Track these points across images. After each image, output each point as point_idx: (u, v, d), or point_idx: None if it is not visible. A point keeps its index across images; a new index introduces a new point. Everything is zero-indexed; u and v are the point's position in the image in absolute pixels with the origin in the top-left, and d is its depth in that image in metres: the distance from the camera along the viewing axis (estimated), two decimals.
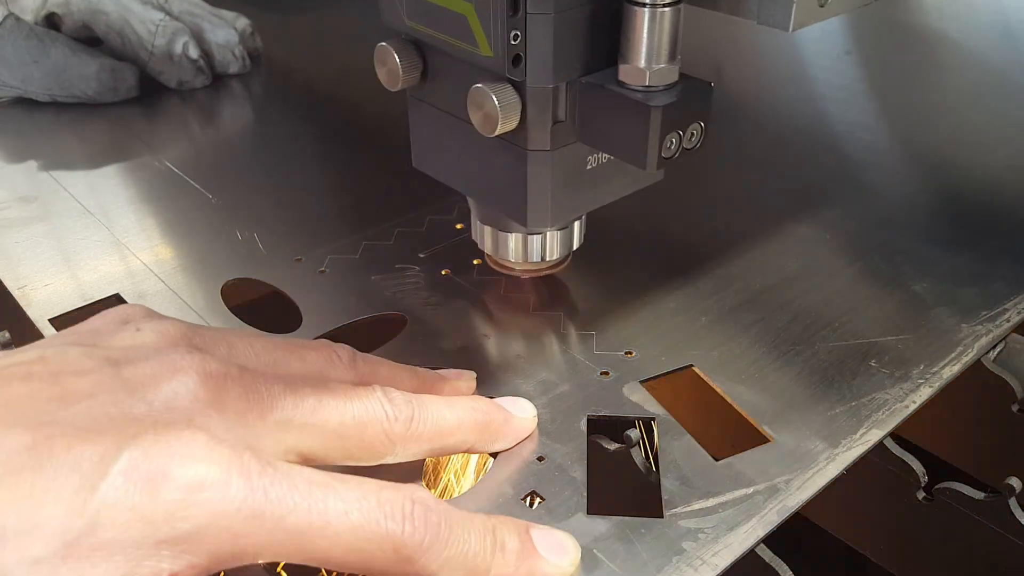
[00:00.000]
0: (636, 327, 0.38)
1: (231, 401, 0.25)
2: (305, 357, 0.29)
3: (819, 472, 0.30)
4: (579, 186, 0.35)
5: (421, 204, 0.46)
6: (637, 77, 0.30)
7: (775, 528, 0.28)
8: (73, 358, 0.24)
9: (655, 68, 0.30)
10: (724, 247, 0.43)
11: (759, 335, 0.37)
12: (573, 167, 0.34)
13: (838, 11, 0.29)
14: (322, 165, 0.52)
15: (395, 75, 0.34)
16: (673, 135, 0.30)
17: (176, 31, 0.59)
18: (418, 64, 0.34)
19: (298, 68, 0.66)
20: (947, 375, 0.35)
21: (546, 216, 0.34)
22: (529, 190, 0.33)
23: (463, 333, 0.37)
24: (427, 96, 0.36)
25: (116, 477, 0.21)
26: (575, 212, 0.37)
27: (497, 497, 0.29)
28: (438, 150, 0.37)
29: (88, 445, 0.21)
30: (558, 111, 0.32)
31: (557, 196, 0.34)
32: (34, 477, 0.21)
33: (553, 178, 0.33)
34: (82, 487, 0.21)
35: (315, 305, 0.39)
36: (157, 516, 0.21)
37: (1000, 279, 0.40)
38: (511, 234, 0.38)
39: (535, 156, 0.33)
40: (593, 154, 0.34)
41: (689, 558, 0.27)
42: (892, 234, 0.44)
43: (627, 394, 0.34)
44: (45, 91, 0.57)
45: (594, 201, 0.36)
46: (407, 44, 0.34)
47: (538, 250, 0.38)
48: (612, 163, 0.35)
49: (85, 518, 0.21)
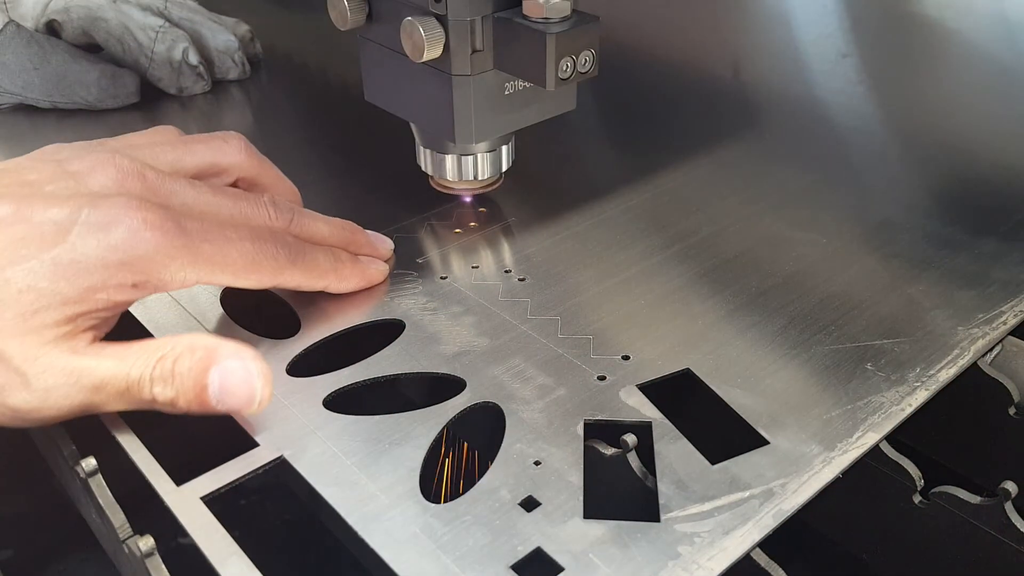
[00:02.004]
0: (633, 331, 0.38)
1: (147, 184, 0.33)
2: (195, 150, 0.37)
3: (815, 476, 0.30)
4: (499, 108, 0.41)
5: (419, 210, 0.47)
6: (536, 10, 0.36)
7: (771, 532, 0.29)
8: (28, 164, 0.33)
9: (551, 3, 0.36)
10: (720, 250, 0.43)
11: (755, 338, 0.37)
12: (492, 91, 0.40)
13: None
14: (320, 171, 0.52)
15: (344, 16, 0.40)
16: (567, 59, 0.37)
17: (176, 37, 0.59)
18: (363, 7, 0.40)
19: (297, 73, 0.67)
20: (943, 378, 0.35)
21: (470, 133, 0.40)
22: (455, 110, 0.40)
23: (460, 338, 0.37)
24: (373, 35, 0.42)
25: (82, 224, 0.30)
26: (497, 131, 0.42)
27: (493, 501, 0.30)
28: (383, 83, 0.43)
29: (57, 207, 0.31)
30: (475, 41, 0.38)
31: (480, 116, 0.40)
32: (23, 228, 0.30)
33: (475, 99, 0.39)
34: (59, 231, 0.30)
35: (313, 311, 0.39)
36: (116, 246, 0.30)
37: (996, 282, 0.40)
38: (448, 155, 0.44)
39: (459, 80, 0.39)
40: (510, 81, 0.40)
41: (685, 562, 0.27)
42: (888, 237, 0.44)
43: (624, 398, 0.34)
44: (46, 98, 0.57)
45: (514, 123, 0.42)
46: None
47: (471, 169, 0.44)
48: (527, 90, 0.41)
49: (63, 247, 0.30)
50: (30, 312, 0.30)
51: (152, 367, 0.31)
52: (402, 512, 0.29)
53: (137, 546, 0.29)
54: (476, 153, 0.44)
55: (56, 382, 0.30)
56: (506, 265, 0.42)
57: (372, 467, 0.31)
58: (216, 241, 0.33)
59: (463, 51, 0.38)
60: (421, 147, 0.45)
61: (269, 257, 0.35)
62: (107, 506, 0.31)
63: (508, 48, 0.38)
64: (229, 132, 0.39)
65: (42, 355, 0.30)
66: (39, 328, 0.30)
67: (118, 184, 0.33)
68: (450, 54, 0.38)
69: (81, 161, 0.33)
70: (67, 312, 0.30)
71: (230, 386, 0.31)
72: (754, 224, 0.45)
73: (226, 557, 0.28)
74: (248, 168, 0.39)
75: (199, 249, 0.32)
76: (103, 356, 0.31)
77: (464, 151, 0.44)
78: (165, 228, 0.31)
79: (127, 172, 0.33)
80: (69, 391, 0.30)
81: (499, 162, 0.45)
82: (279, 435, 0.32)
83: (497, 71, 0.39)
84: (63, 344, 0.30)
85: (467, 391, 0.34)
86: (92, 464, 0.31)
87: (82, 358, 0.30)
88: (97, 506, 0.32)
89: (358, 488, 0.30)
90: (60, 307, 0.30)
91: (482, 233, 0.45)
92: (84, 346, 0.31)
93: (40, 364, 0.30)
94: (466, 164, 0.44)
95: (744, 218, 0.46)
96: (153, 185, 0.34)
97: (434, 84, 0.40)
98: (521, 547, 0.28)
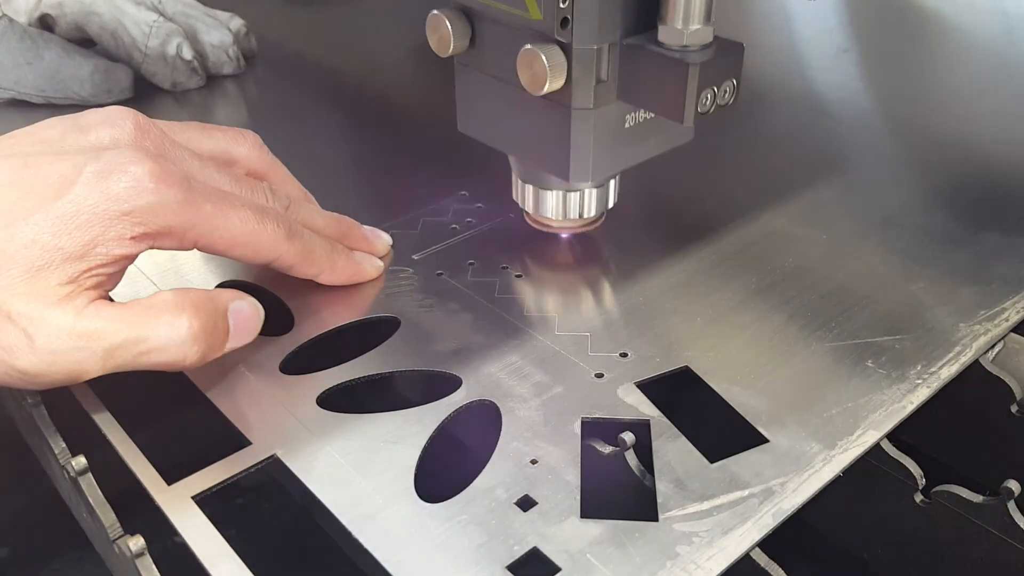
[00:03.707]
0: (630, 328, 0.37)
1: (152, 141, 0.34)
2: (214, 135, 0.38)
3: (815, 474, 0.30)
4: (617, 143, 0.37)
5: (415, 205, 0.46)
6: (675, 38, 0.32)
7: (771, 531, 0.28)
8: (47, 123, 0.34)
9: (691, 29, 0.32)
10: (719, 247, 0.43)
11: (755, 336, 0.37)
12: (613, 125, 0.36)
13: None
14: (315, 167, 0.52)
15: (446, 42, 0.37)
16: (708, 91, 0.32)
17: (170, 32, 0.58)
18: (467, 31, 0.37)
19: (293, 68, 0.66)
20: (945, 375, 0.34)
21: (587, 171, 0.37)
22: (572, 146, 0.36)
23: (457, 335, 0.37)
24: (474, 62, 0.38)
25: (86, 176, 0.30)
26: (614, 168, 0.39)
27: (489, 500, 0.29)
28: (483, 114, 0.40)
29: (63, 161, 0.31)
30: (601, 71, 0.34)
31: (598, 152, 0.36)
32: (30, 180, 0.30)
33: (595, 134, 0.36)
34: (62, 184, 0.30)
35: (308, 307, 0.38)
36: (119, 196, 0.30)
37: (999, 278, 0.40)
38: (550, 191, 0.40)
39: (579, 114, 0.35)
40: (631, 113, 0.37)
41: (683, 562, 0.27)
42: (889, 233, 0.44)
43: (622, 396, 0.33)
44: (39, 92, 0.57)
45: (631, 158, 0.38)
46: (457, 12, 0.37)
47: (576, 207, 0.40)
48: (647, 123, 0.37)
49: (67, 199, 0.30)
50: (34, 268, 0.29)
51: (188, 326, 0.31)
52: (396, 511, 0.29)
53: (127, 546, 0.28)
54: (583, 189, 0.40)
55: (64, 345, 0.30)
56: (503, 261, 0.42)
57: (366, 465, 0.31)
58: (218, 204, 0.33)
59: (586, 82, 0.34)
60: (520, 181, 0.41)
61: (267, 230, 0.35)
62: (97, 505, 0.31)
63: (637, 78, 0.34)
64: (247, 130, 0.39)
65: (48, 316, 0.30)
66: (44, 288, 0.30)
67: (132, 137, 0.33)
68: (571, 85, 0.34)
69: (96, 114, 0.34)
70: (69, 271, 0.30)
71: (243, 326, 0.34)
72: (754, 220, 0.45)
73: (217, 557, 0.27)
74: (258, 163, 0.39)
75: (201, 207, 0.32)
76: (114, 319, 0.31)
77: (570, 187, 0.40)
78: (169, 181, 0.31)
79: (144, 129, 0.34)
80: (78, 355, 0.30)
81: (606, 199, 0.41)
82: (272, 433, 0.32)
83: (619, 102, 0.35)
84: (67, 305, 0.30)
85: (463, 388, 0.34)
86: (82, 463, 0.31)
87: (92, 320, 0.30)
88: (87, 505, 0.31)
89: (352, 487, 0.30)
90: (62, 264, 0.30)
91: (479, 229, 0.44)
92: (87, 306, 0.30)
93: (46, 326, 0.29)
94: (571, 201, 0.40)
95: (743, 214, 0.45)
96: (163, 146, 0.34)
97: (548, 117, 0.36)
98: (517, 547, 0.28)
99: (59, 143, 0.33)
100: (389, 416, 0.33)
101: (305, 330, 0.37)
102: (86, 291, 0.31)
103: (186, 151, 0.35)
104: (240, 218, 0.34)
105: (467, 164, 0.49)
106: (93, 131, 0.33)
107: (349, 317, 0.38)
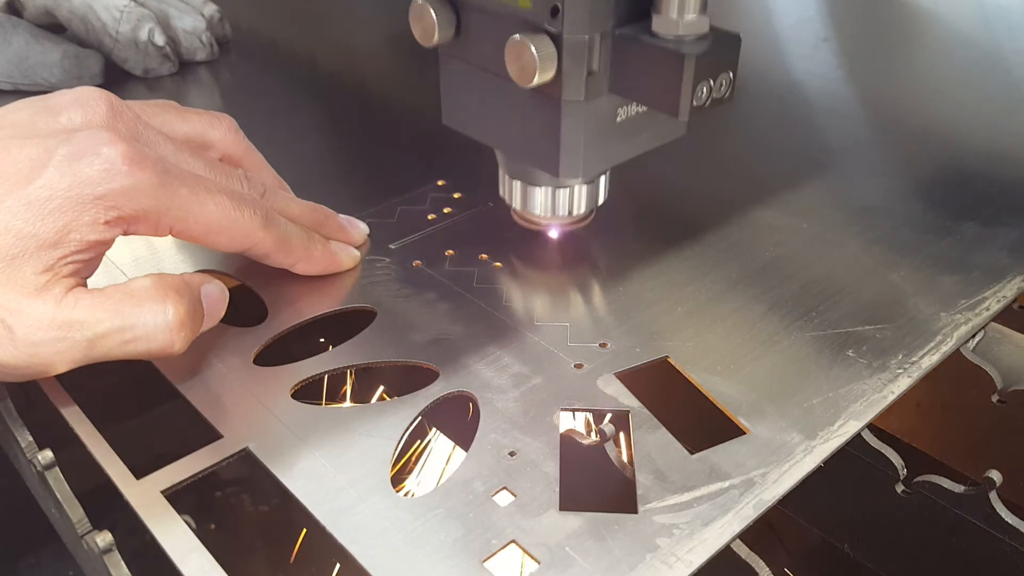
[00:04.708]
0: (610, 318, 0.37)
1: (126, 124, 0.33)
2: (189, 119, 0.37)
3: (796, 465, 0.30)
4: (609, 138, 0.35)
5: (391, 194, 0.45)
6: (669, 28, 0.31)
7: (751, 523, 0.28)
8: (17, 106, 0.33)
9: (687, 19, 0.31)
10: (700, 237, 0.42)
11: (735, 325, 0.36)
12: (605, 118, 0.35)
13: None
14: (290, 154, 0.51)
15: (430, 32, 0.35)
16: (704, 84, 0.31)
17: (141, 17, 0.57)
18: (452, 20, 0.35)
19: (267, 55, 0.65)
20: (926, 365, 0.34)
21: (578, 166, 0.35)
22: (562, 140, 0.34)
23: (434, 325, 0.36)
24: (460, 53, 0.36)
25: (57, 159, 0.29)
26: (605, 164, 0.37)
27: (466, 494, 0.29)
28: (469, 106, 0.38)
29: (34, 145, 0.30)
30: (592, 62, 0.33)
31: (589, 147, 0.35)
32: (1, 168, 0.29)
33: (586, 129, 0.34)
34: (33, 168, 0.29)
35: (282, 297, 0.38)
36: (92, 179, 0.29)
37: (978, 268, 0.40)
38: (539, 188, 0.38)
39: (569, 107, 0.33)
40: (623, 106, 0.35)
41: (663, 555, 0.27)
42: (870, 223, 0.43)
43: (601, 386, 0.33)
44: (7, 79, 0.55)
45: (622, 154, 0.37)
46: (442, 0, 0.35)
47: (565, 204, 0.39)
48: (640, 117, 0.36)
49: (39, 183, 0.29)
50: (8, 257, 0.29)
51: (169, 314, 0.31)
52: (372, 506, 0.28)
53: (95, 542, 0.27)
54: (572, 185, 0.38)
55: (45, 336, 0.29)
56: (481, 251, 0.41)
57: (341, 459, 0.30)
58: (194, 188, 0.32)
59: (577, 74, 0.32)
60: (507, 177, 0.39)
61: (244, 217, 0.34)
62: (65, 500, 0.30)
63: (630, 70, 0.32)
64: (223, 114, 0.38)
65: (27, 307, 0.29)
66: (19, 278, 0.29)
67: (105, 119, 0.32)
68: (562, 77, 0.32)
69: (66, 95, 0.33)
70: (45, 259, 0.29)
71: (213, 309, 0.34)
72: (734, 210, 0.44)
73: (187, 553, 0.27)
74: (234, 147, 0.38)
75: (176, 191, 0.31)
76: (95, 308, 0.30)
77: (559, 184, 0.38)
78: (144, 164, 0.30)
79: (117, 111, 0.33)
80: (60, 345, 0.29)
81: (596, 196, 0.40)
82: (244, 427, 0.31)
83: (611, 95, 0.34)
84: (46, 295, 0.29)
85: (440, 380, 0.33)
86: (48, 457, 0.30)
87: (72, 310, 0.29)
88: (55, 500, 0.30)
89: (326, 481, 0.29)
90: (37, 252, 0.29)
91: (457, 219, 0.44)
92: (66, 295, 0.30)
93: (26, 317, 0.29)
94: (560, 198, 0.39)
95: (724, 204, 0.45)
96: (136, 128, 0.33)
97: (537, 110, 0.34)
98: (495, 540, 0.27)
99: (29, 126, 0.32)
100: (364, 408, 0.32)
101: (279, 321, 0.36)
102: (63, 279, 0.30)
103: (160, 134, 0.34)
104: (216, 203, 0.33)
105: (444, 153, 0.49)
106: (64, 112, 0.32)
107: (324, 307, 0.37)
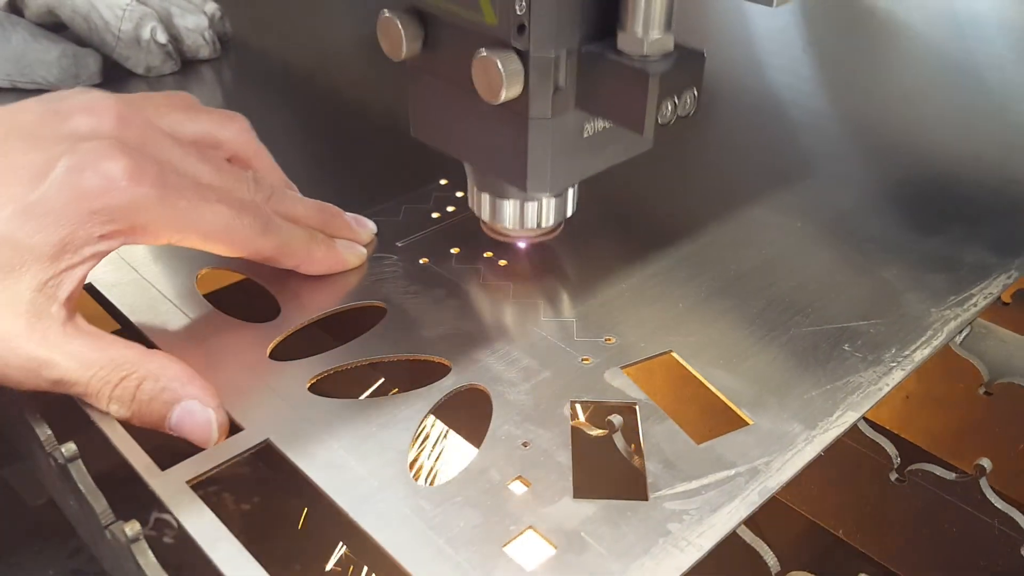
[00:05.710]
0: (615, 314, 0.38)
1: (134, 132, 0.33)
2: (199, 118, 0.37)
3: (798, 453, 0.31)
4: (576, 153, 0.36)
5: (397, 192, 0.46)
6: (635, 46, 0.32)
7: (757, 508, 0.29)
8: (25, 105, 0.33)
9: (652, 38, 0.31)
10: (698, 236, 0.43)
11: (735, 321, 0.38)
12: (571, 134, 0.35)
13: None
14: (294, 153, 0.52)
15: (398, 45, 0.35)
16: (668, 101, 0.32)
17: (144, 15, 0.58)
18: (420, 34, 0.35)
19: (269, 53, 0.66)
20: (918, 358, 0.35)
21: (545, 181, 0.36)
22: (529, 156, 0.35)
23: (444, 321, 0.37)
24: (428, 66, 0.37)
25: (59, 171, 0.30)
26: (572, 178, 0.38)
27: (483, 482, 0.30)
28: (438, 119, 0.38)
29: (36, 152, 0.30)
30: (559, 79, 0.33)
31: (556, 162, 0.35)
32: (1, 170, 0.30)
33: (553, 145, 0.35)
34: (35, 176, 0.30)
35: (292, 294, 0.38)
36: (90, 193, 0.30)
37: (966, 265, 0.41)
38: (508, 200, 0.39)
39: (536, 123, 0.34)
40: (589, 122, 0.36)
41: (675, 539, 0.28)
42: (862, 222, 0.45)
43: (609, 380, 0.34)
44: (5, 77, 0.56)
45: (589, 168, 0.37)
46: (410, 14, 0.35)
47: (533, 216, 0.39)
48: (606, 132, 0.36)
49: (38, 194, 0.29)
50: (7, 270, 0.29)
51: (113, 385, 0.31)
52: (393, 494, 0.29)
53: (122, 531, 0.28)
54: (540, 199, 0.39)
55: (16, 364, 0.30)
56: (486, 249, 0.42)
57: (360, 449, 0.31)
58: (193, 200, 0.33)
59: (544, 90, 0.33)
60: (476, 190, 0.40)
61: (243, 225, 0.34)
62: (88, 492, 0.30)
63: (596, 87, 0.33)
64: (236, 112, 0.39)
65: (11, 336, 0.29)
66: (12, 298, 0.29)
67: (113, 128, 0.32)
68: (528, 94, 0.33)
69: (77, 100, 0.33)
70: (40, 276, 0.30)
71: (188, 425, 0.31)
72: (730, 210, 0.46)
73: (215, 541, 0.28)
74: (243, 147, 0.39)
75: (174, 204, 0.32)
76: (68, 352, 0.30)
77: (527, 197, 0.39)
78: (143, 179, 0.31)
79: (127, 119, 0.33)
80: (25, 377, 0.30)
81: (564, 208, 0.40)
82: (263, 419, 0.32)
83: (577, 111, 0.34)
84: (35, 324, 0.29)
85: (452, 374, 0.34)
86: (72, 449, 0.31)
87: (48, 350, 0.30)
88: (77, 492, 0.31)
89: (347, 471, 0.30)
90: (34, 266, 0.29)
91: (461, 217, 0.45)
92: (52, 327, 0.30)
93: (4, 346, 0.29)
94: (528, 210, 0.39)
95: (721, 204, 0.46)
96: (145, 135, 0.33)
97: (504, 126, 0.35)
98: (513, 527, 0.28)
99: (35, 129, 0.32)
100: (380, 401, 0.33)
101: (292, 317, 0.37)
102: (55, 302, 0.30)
103: (168, 138, 0.34)
104: (214, 213, 0.33)
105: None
106: (72, 119, 0.32)
107: (335, 304, 0.38)
